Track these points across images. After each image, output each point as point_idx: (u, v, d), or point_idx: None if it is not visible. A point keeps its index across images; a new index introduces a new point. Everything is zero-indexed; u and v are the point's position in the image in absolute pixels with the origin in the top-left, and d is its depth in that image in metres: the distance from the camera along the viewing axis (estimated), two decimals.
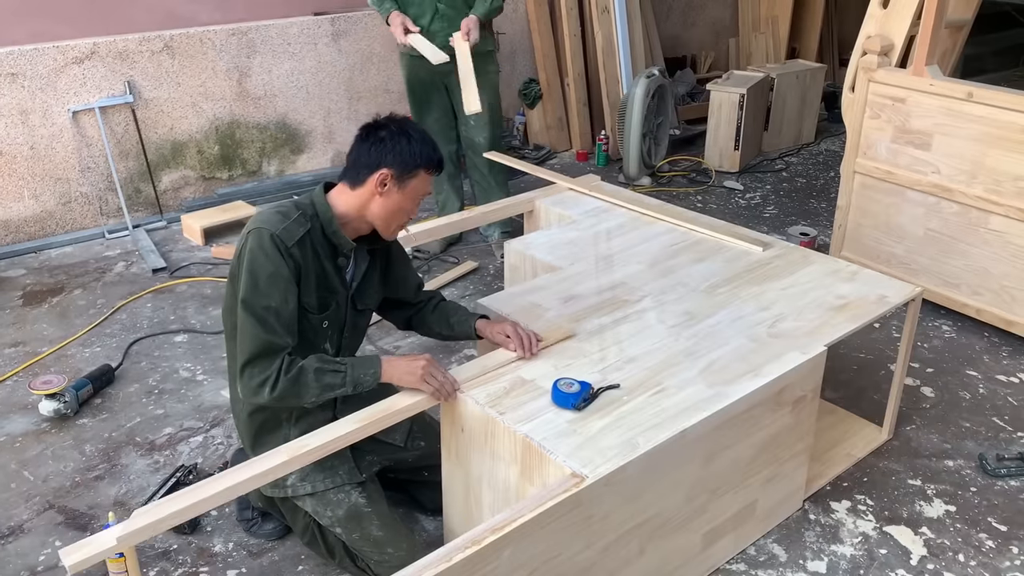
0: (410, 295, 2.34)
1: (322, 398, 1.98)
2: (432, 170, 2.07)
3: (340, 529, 2.15)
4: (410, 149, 2.02)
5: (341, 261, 2.10)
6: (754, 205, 4.82)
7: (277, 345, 1.93)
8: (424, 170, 2.04)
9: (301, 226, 1.99)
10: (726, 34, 6.75)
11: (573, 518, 1.78)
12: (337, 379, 1.96)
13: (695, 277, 2.60)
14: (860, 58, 3.65)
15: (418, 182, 2.05)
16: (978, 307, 3.42)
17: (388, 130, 2.04)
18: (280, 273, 1.93)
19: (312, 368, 1.94)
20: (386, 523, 2.14)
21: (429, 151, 2.05)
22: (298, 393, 1.94)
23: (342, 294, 2.12)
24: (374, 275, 2.22)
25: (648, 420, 1.95)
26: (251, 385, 1.93)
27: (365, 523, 2.12)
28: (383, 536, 2.12)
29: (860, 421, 2.85)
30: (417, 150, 2.03)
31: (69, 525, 2.42)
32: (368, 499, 2.15)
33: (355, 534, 2.13)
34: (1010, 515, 2.47)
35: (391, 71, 5.07)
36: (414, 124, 2.10)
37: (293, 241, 1.96)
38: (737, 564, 2.29)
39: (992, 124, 3.21)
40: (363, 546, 2.14)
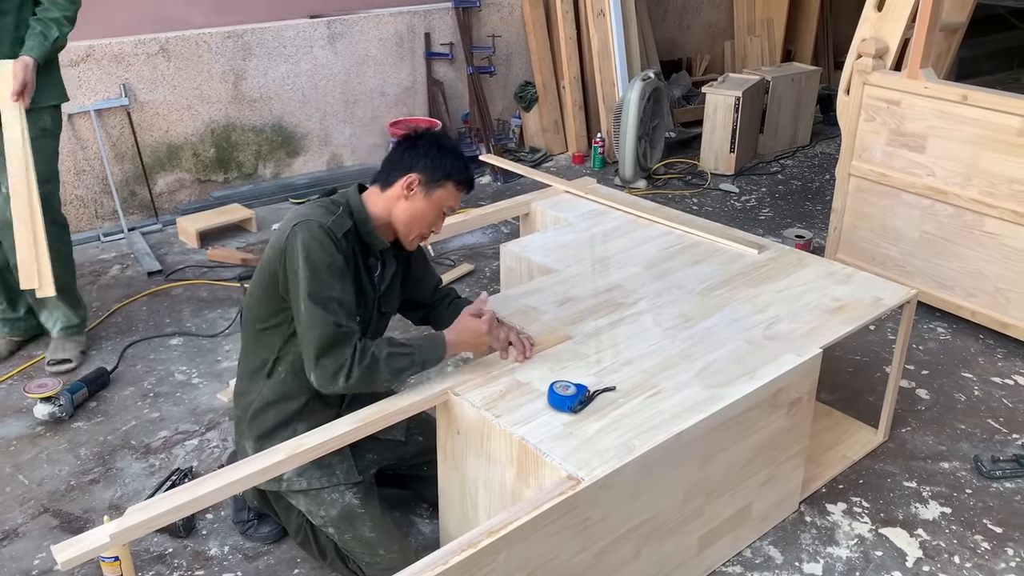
0: (427, 296, 2.38)
1: (394, 380, 2.03)
2: (461, 185, 2.11)
3: (332, 529, 2.15)
4: (441, 158, 2.07)
5: (372, 262, 2.14)
6: (749, 208, 4.82)
7: (347, 334, 1.95)
8: (453, 182, 2.09)
9: (346, 220, 2.04)
10: (721, 37, 6.76)
11: (569, 521, 1.78)
12: (406, 362, 2.01)
13: (691, 280, 2.60)
14: (855, 61, 3.66)
15: (444, 193, 2.09)
16: (973, 309, 3.43)
17: (424, 140, 2.11)
18: (336, 263, 1.96)
19: (383, 355, 1.98)
20: (378, 525, 2.14)
21: (460, 166, 2.10)
22: (371, 380, 1.97)
23: (371, 296, 2.14)
24: (398, 281, 2.26)
25: (644, 422, 1.95)
26: (326, 376, 1.94)
27: (358, 524, 2.13)
28: (375, 538, 2.13)
29: (856, 423, 2.85)
30: (448, 161, 2.08)
31: (64, 529, 2.41)
32: (362, 500, 2.15)
33: (347, 535, 2.14)
34: (1005, 517, 2.48)
35: (387, 74, 5.08)
36: (450, 139, 2.18)
37: (342, 232, 2.00)
38: (733, 566, 2.30)
39: (986, 127, 3.22)
40: (355, 547, 2.14)
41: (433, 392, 2.04)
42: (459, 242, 4.26)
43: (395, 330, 3.41)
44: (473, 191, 2.27)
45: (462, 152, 2.15)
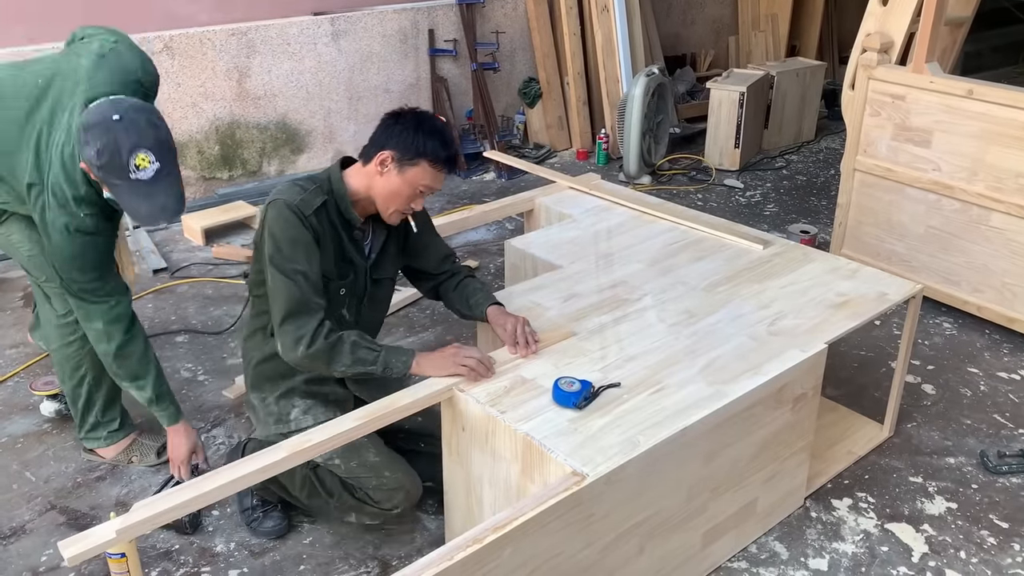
0: (431, 266, 2.41)
1: (351, 370, 2.06)
2: (436, 165, 2.10)
3: (339, 460, 2.21)
4: (416, 136, 2.07)
5: (357, 234, 2.19)
6: (754, 203, 4.81)
7: (312, 304, 2.03)
8: (427, 161, 2.08)
9: (318, 197, 2.09)
10: (726, 32, 6.75)
11: (574, 517, 1.78)
12: (370, 356, 2.04)
13: (695, 275, 2.60)
14: (860, 55, 3.65)
15: (418, 171, 2.09)
16: (979, 304, 3.42)
17: (404, 117, 2.12)
18: (300, 239, 2.04)
19: (350, 340, 2.05)
20: (381, 451, 2.23)
21: (436, 145, 2.08)
22: (331, 358, 2.03)
23: (360, 265, 2.21)
24: (392, 247, 2.30)
25: (649, 418, 1.95)
26: (287, 341, 2.03)
27: (363, 452, 2.20)
28: (380, 461, 2.21)
29: (861, 419, 2.85)
30: (423, 139, 2.07)
31: (71, 526, 2.42)
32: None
33: (353, 462, 2.21)
34: (1011, 512, 2.47)
35: (391, 71, 5.08)
36: (434, 119, 2.14)
37: (311, 210, 2.07)
38: (738, 562, 2.29)
39: (992, 121, 3.21)
40: (361, 472, 2.21)
41: (438, 388, 2.04)
42: (463, 239, 4.26)
43: (396, 328, 3.42)
44: (479, 187, 2.26)
45: (444, 132, 2.13)
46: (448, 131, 2.15)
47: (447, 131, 2.14)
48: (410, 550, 2.33)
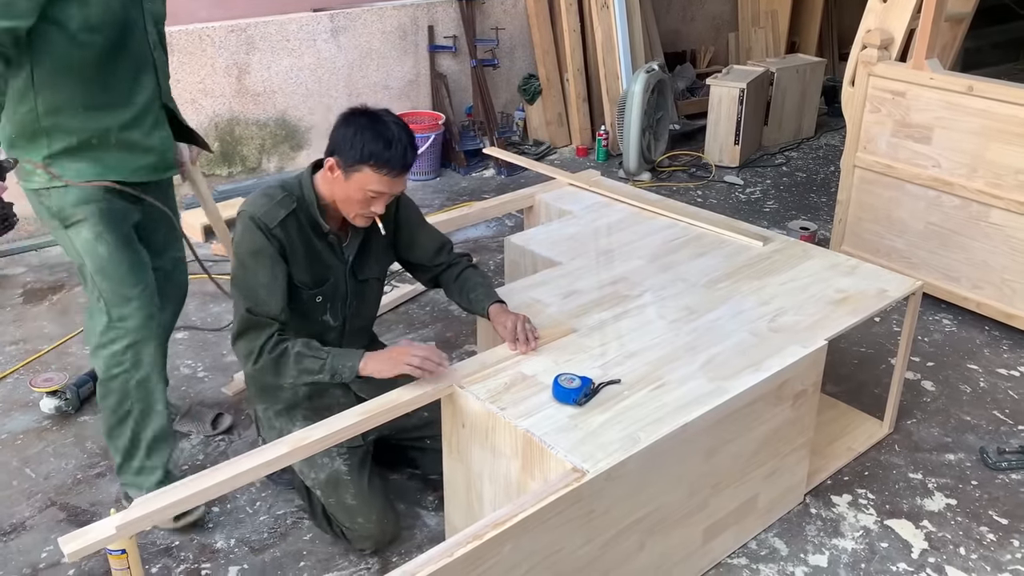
0: (426, 258, 2.38)
1: (300, 380, 2.06)
2: (380, 169, 1.99)
3: (319, 492, 2.24)
4: (355, 140, 1.99)
5: (331, 238, 2.16)
6: (754, 200, 4.81)
7: (262, 321, 2.04)
8: (367, 166, 1.99)
9: (285, 207, 2.08)
10: (726, 29, 6.74)
11: (574, 513, 1.78)
12: (316, 364, 2.02)
13: (695, 272, 2.60)
14: (860, 52, 3.65)
15: (363, 176, 2.01)
16: (978, 301, 3.42)
17: (351, 119, 2.04)
18: (263, 251, 2.04)
19: (294, 351, 2.04)
20: (361, 493, 2.21)
21: (378, 148, 1.97)
22: (278, 372, 2.05)
23: (339, 267, 2.20)
24: (374, 245, 2.27)
25: (649, 415, 1.95)
26: (240, 356, 2.11)
27: (341, 490, 2.21)
28: (355, 506, 2.20)
29: (861, 415, 2.85)
30: (361, 143, 1.98)
31: (71, 522, 2.42)
32: (350, 468, 2.22)
33: (331, 499, 2.22)
34: (1011, 508, 2.48)
35: (391, 67, 5.07)
36: (382, 118, 2.03)
37: (275, 222, 2.05)
38: (738, 558, 2.30)
39: (992, 117, 3.21)
40: (336, 512, 2.23)
41: (438, 385, 2.04)
42: (463, 235, 4.26)
43: (396, 325, 3.41)
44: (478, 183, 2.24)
45: (389, 132, 1.99)
46: (396, 130, 2.01)
47: (395, 130, 2.01)
48: (410, 546, 2.33)
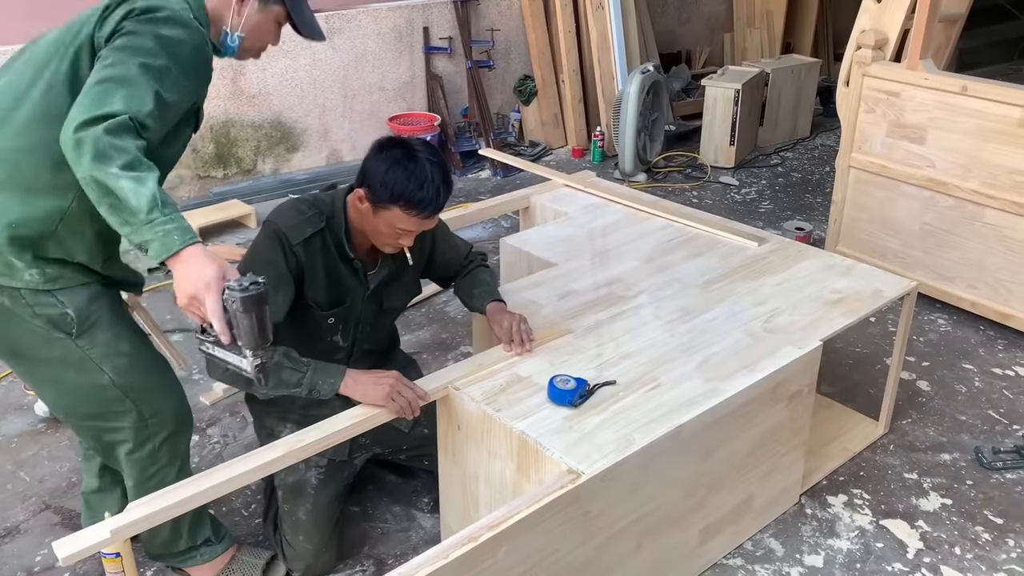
0: (452, 271, 2.37)
1: (276, 392, 1.95)
2: (411, 210, 1.92)
3: (281, 492, 2.21)
4: (387, 177, 1.91)
5: (356, 263, 2.09)
6: (750, 200, 4.82)
7: None
8: (398, 206, 1.92)
9: (312, 226, 2.01)
10: (721, 29, 6.75)
11: (569, 514, 1.78)
12: (294, 378, 1.91)
13: (691, 273, 2.60)
14: (854, 52, 3.65)
15: (392, 215, 1.94)
16: (973, 300, 3.42)
17: (386, 151, 1.96)
18: (273, 265, 1.97)
19: (272, 361, 1.90)
20: (315, 512, 2.18)
21: (408, 190, 1.89)
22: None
23: (358, 292, 2.12)
24: (404, 276, 2.21)
25: (644, 416, 1.95)
26: None
27: (299, 502, 2.18)
28: (304, 523, 2.18)
29: (856, 415, 2.85)
30: (393, 181, 1.90)
31: (66, 525, 2.42)
32: (320, 483, 2.19)
33: (287, 505, 2.20)
34: (1006, 508, 2.48)
35: (386, 68, 5.07)
36: (416, 154, 1.94)
37: (299, 240, 1.99)
38: (734, 559, 2.30)
39: (987, 118, 3.21)
40: (285, 521, 2.21)
41: (433, 387, 2.04)
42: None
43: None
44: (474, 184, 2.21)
45: (423, 172, 1.90)
46: (430, 169, 1.92)
47: (428, 170, 1.92)
48: (405, 548, 2.33)
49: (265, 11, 1.90)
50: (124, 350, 1.86)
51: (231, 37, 1.91)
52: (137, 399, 1.89)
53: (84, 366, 1.82)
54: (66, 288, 1.77)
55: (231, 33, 1.90)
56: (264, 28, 1.93)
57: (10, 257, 1.70)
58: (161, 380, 1.97)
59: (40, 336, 1.77)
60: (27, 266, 1.71)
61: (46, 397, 1.93)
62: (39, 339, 1.78)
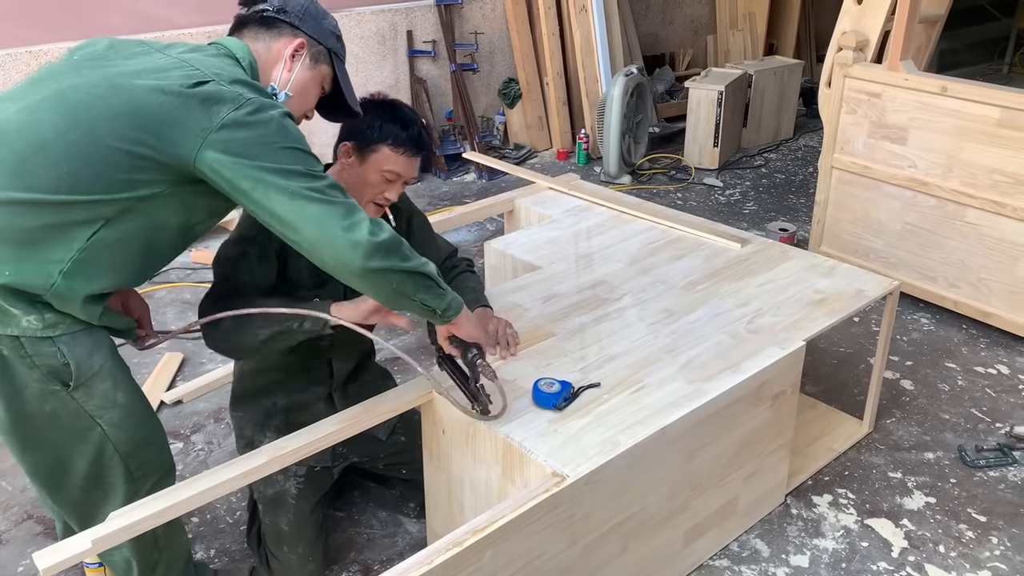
0: None
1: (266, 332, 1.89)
2: (398, 148, 1.96)
3: (262, 506, 2.20)
4: (371, 121, 1.96)
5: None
6: (734, 201, 4.84)
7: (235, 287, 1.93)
8: (385, 145, 1.95)
9: None
10: (704, 31, 6.77)
11: (554, 518, 1.78)
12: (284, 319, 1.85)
13: (674, 274, 2.61)
14: (836, 54, 3.67)
15: (379, 156, 1.97)
16: (955, 299, 3.45)
17: (370, 103, 2.01)
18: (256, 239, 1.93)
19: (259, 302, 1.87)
20: (298, 520, 2.17)
21: (395, 128, 1.96)
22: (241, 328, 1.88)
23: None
24: None
25: (628, 418, 1.95)
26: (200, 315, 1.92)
27: (281, 512, 2.16)
28: (288, 533, 2.17)
29: (841, 415, 2.86)
30: (378, 123, 1.96)
31: (48, 535, 2.39)
32: (300, 492, 2.18)
33: (268, 518, 2.19)
34: (989, 506, 2.49)
35: (370, 72, 5.06)
36: (394, 103, 2.02)
37: None
38: (720, 560, 2.30)
39: (966, 118, 3.24)
40: (268, 534, 2.19)
41: (417, 392, 2.03)
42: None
43: (377, 331, 3.40)
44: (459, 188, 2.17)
45: (403, 113, 1.99)
46: (410, 113, 2.01)
47: (408, 112, 2.01)
48: (392, 554, 2.32)
49: (315, 70, 1.83)
50: (120, 401, 1.73)
51: (280, 95, 1.78)
52: (126, 453, 1.77)
53: (76, 421, 1.70)
54: (67, 334, 1.63)
55: (279, 91, 1.79)
56: (310, 90, 1.85)
57: (4, 304, 1.57)
58: (149, 430, 1.84)
59: (34, 390, 1.64)
60: (24, 312, 1.58)
61: (28, 460, 1.74)
62: (33, 394, 1.65)
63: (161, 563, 1.91)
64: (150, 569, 1.90)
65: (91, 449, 1.73)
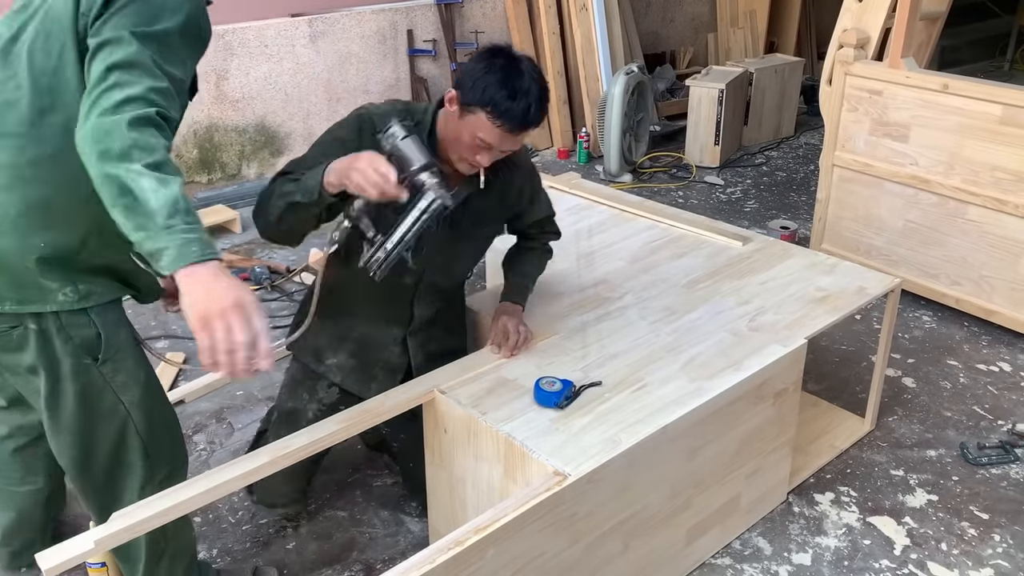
0: (521, 231, 2.30)
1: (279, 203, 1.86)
2: (495, 118, 1.80)
3: (276, 416, 2.25)
4: (480, 79, 1.80)
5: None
6: (735, 200, 4.83)
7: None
8: (483, 111, 1.80)
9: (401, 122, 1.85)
10: (705, 29, 6.77)
11: (556, 516, 1.78)
12: (291, 186, 1.85)
13: (676, 273, 2.60)
14: (837, 51, 3.67)
15: (475, 120, 1.82)
16: (957, 297, 3.44)
17: (488, 54, 1.86)
18: (345, 144, 1.89)
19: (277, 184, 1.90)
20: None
21: (500, 95, 1.78)
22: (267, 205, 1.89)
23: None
24: (491, 201, 2.06)
25: (630, 416, 1.95)
26: None
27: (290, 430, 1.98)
28: None
29: (843, 413, 2.86)
30: (484, 84, 1.79)
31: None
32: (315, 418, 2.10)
33: (277, 428, 2.19)
34: (991, 503, 2.49)
35: (370, 71, 5.06)
36: (519, 66, 1.84)
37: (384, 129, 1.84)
38: (722, 558, 2.30)
39: (968, 115, 3.23)
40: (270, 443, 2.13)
41: (419, 390, 2.04)
42: None
43: None
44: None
45: (517, 81, 1.80)
46: (528, 83, 1.81)
47: (527, 82, 1.81)
48: (394, 553, 2.32)
49: None
50: (142, 380, 1.75)
51: None
52: (145, 432, 1.77)
53: (102, 399, 1.70)
54: (98, 305, 1.64)
55: None
56: None
57: (40, 279, 1.56)
58: (167, 416, 1.86)
59: (68, 366, 1.65)
60: (60, 286, 1.58)
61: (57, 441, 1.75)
62: (68, 370, 1.65)
63: (167, 554, 1.92)
64: (156, 559, 1.89)
65: (114, 429, 1.74)
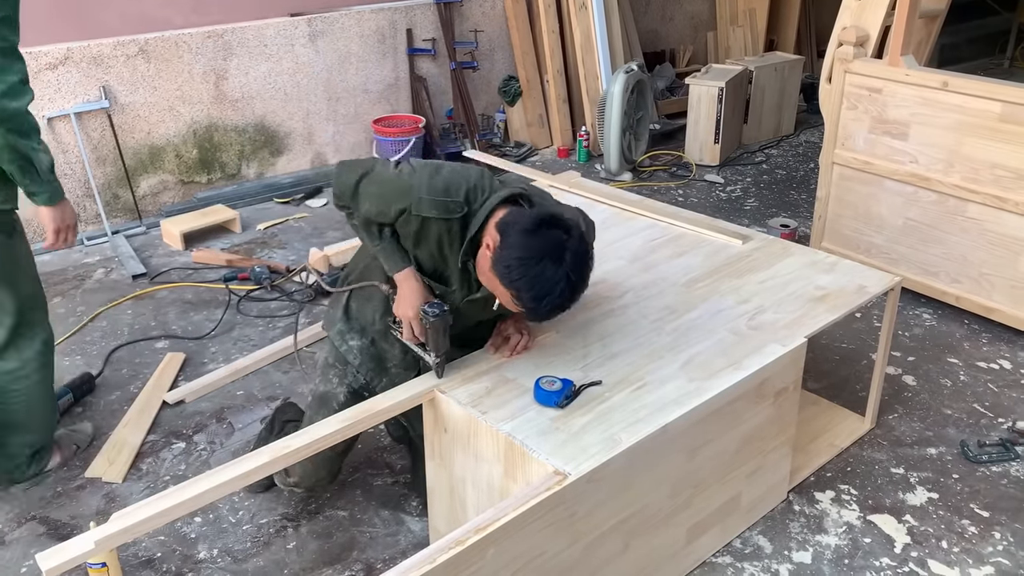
0: None
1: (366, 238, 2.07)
2: (520, 308, 1.87)
3: (309, 400, 2.30)
4: (515, 264, 1.80)
5: (471, 266, 1.98)
6: (735, 198, 4.83)
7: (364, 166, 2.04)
8: (510, 293, 1.84)
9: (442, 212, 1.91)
10: (704, 28, 6.76)
11: (556, 516, 1.78)
12: (372, 240, 2.04)
13: (675, 272, 2.60)
14: (836, 49, 3.67)
15: (503, 292, 1.87)
16: (957, 295, 3.44)
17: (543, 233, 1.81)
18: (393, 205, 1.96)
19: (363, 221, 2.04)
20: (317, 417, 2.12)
21: (527, 295, 1.80)
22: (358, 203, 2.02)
23: (461, 287, 2.05)
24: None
25: (630, 416, 1.95)
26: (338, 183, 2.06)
27: (322, 413, 2.12)
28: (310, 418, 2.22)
29: (843, 411, 2.86)
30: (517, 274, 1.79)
31: (51, 536, 2.40)
32: (346, 402, 2.16)
33: (310, 412, 2.25)
34: (992, 501, 2.49)
35: (369, 71, 5.06)
36: (563, 257, 1.81)
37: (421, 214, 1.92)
38: (723, 557, 2.30)
39: (967, 113, 3.23)
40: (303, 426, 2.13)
41: (419, 391, 2.04)
42: None
43: None
44: None
45: (555, 286, 1.79)
46: (562, 285, 1.80)
47: (560, 285, 1.80)
48: (394, 552, 2.32)
49: None
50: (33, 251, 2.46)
51: None
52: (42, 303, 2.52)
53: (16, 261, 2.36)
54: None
55: None
56: None
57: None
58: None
59: None
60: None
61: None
62: None
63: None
64: None
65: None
